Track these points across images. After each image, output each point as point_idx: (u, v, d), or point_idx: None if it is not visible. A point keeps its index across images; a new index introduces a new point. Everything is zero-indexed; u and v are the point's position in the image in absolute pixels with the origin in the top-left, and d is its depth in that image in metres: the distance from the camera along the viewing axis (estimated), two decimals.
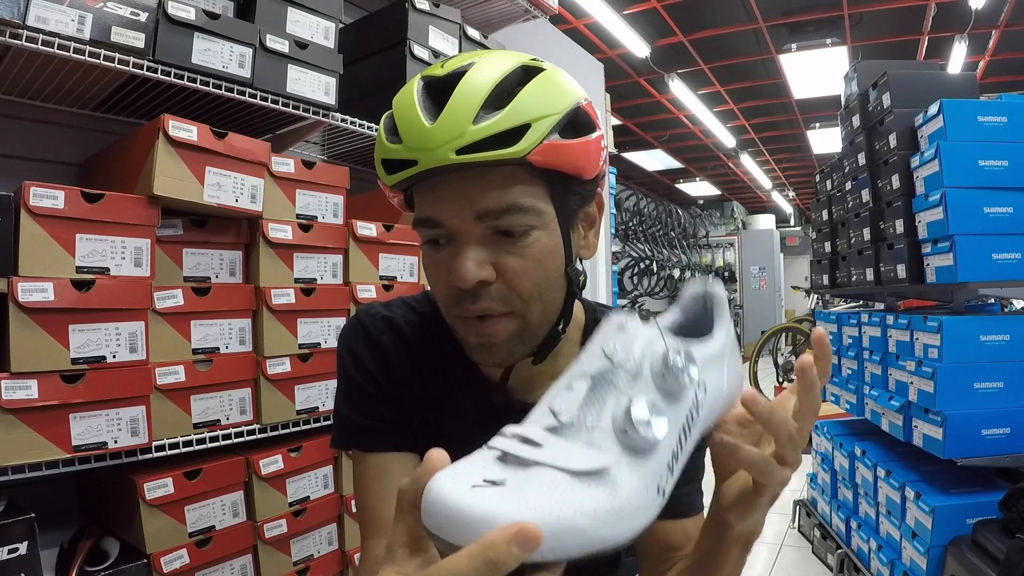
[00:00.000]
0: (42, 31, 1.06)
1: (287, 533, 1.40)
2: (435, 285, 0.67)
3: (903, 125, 2.23)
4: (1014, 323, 1.89)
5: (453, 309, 0.66)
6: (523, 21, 2.32)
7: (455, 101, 0.60)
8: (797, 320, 5.57)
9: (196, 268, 1.35)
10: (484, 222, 0.62)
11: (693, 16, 5.40)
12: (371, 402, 0.76)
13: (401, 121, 0.62)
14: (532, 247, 0.63)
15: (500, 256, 0.63)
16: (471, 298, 0.63)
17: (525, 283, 0.64)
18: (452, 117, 0.59)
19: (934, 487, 1.96)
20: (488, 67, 0.62)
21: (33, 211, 1.05)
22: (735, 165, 10.53)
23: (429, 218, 0.64)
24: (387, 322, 0.78)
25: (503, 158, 0.59)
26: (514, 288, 0.64)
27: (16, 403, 1.02)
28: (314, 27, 1.51)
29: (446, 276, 0.64)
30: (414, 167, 0.60)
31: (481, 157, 0.59)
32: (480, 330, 0.65)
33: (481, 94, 0.60)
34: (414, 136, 0.60)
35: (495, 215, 0.61)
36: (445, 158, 0.59)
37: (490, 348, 0.66)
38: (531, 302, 0.65)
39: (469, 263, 0.61)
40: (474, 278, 0.62)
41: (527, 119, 0.60)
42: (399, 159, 0.61)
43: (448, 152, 0.58)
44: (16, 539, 0.99)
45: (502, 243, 0.63)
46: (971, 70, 6.03)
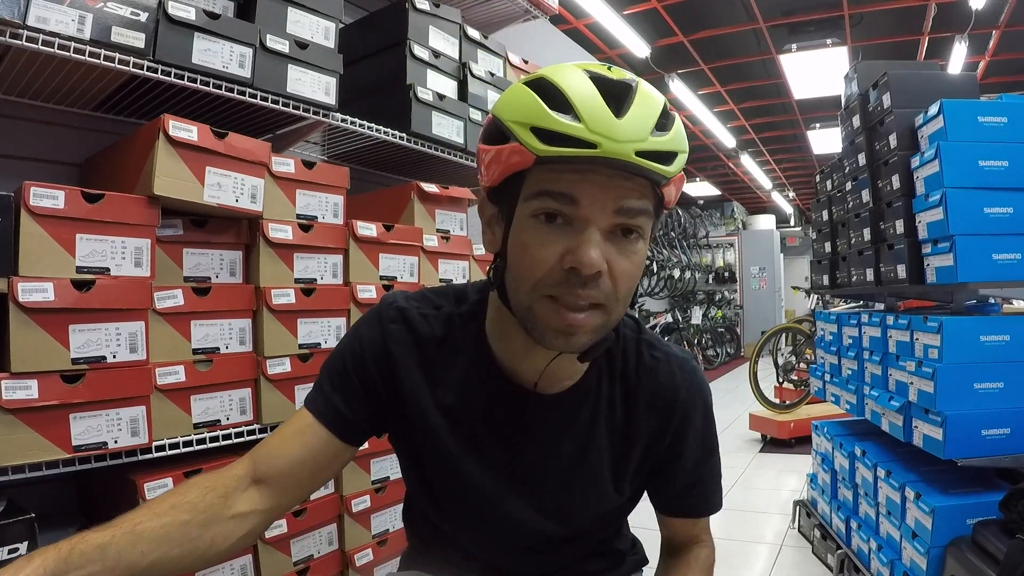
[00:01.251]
0: (42, 31, 1.06)
1: (287, 533, 1.40)
2: (535, 259, 0.67)
3: (903, 125, 2.23)
4: (1014, 323, 1.89)
5: (552, 289, 0.66)
6: (523, 21, 2.33)
7: (640, 109, 0.65)
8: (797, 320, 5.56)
9: (196, 268, 1.35)
10: (617, 218, 0.66)
11: (693, 16, 5.41)
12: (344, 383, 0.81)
13: (581, 102, 0.64)
14: (637, 254, 0.69)
15: (613, 254, 0.67)
16: (582, 284, 0.65)
17: (625, 284, 0.68)
18: (638, 121, 0.64)
19: (934, 487, 1.96)
20: (652, 90, 0.69)
21: (33, 211, 1.05)
22: (735, 165, 10.53)
23: (568, 194, 0.65)
24: (401, 312, 0.82)
25: (661, 172, 0.66)
26: (616, 286, 0.68)
27: (16, 403, 1.02)
28: (314, 27, 1.51)
29: (557, 254, 0.66)
30: (593, 150, 0.63)
31: (651, 165, 0.65)
32: (572, 318, 0.67)
33: (657, 111, 0.66)
34: (601, 124, 0.63)
35: (631, 214, 0.66)
36: (628, 154, 0.63)
37: (571, 336, 0.68)
38: (620, 302, 0.69)
39: (597, 251, 0.65)
40: (599, 265, 0.65)
41: (679, 149, 0.68)
42: (573, 136, 0.63)
43: (631, 150, 0.63)
44: (16, 539, 0.99)
45: (617, 242, 0.67)
46: (971, 70, 6.03)
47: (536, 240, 0.67)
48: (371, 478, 1.58)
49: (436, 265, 1.78)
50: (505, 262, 0.71)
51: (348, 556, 1.53)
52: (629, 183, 0.65)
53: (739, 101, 7.58)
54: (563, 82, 0.65)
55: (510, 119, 0.67)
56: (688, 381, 0.84)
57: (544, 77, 0.67)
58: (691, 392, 0.83)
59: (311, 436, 0.79)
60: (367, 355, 0.81)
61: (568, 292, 0.66)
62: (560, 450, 0.81)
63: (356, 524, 1.55)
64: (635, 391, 0.82)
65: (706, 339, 9.44)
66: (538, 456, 0.81)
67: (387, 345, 0.80)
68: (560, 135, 0.63)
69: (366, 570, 1.56)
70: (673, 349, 0.87)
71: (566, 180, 0.65)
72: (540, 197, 0.66)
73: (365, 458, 1.57)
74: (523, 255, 0.68)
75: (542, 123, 0.64)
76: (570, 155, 0.63)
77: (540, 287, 0.67)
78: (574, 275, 0.65)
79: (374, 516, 1.59)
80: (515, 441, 0.81)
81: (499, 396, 0.80)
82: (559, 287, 0.66)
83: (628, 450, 0.83)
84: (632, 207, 0.66)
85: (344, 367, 0.82)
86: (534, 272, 0.67)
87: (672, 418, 0.82)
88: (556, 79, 0.66)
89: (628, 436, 0.83)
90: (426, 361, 0.81)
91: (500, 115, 0.68)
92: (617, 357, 0.83)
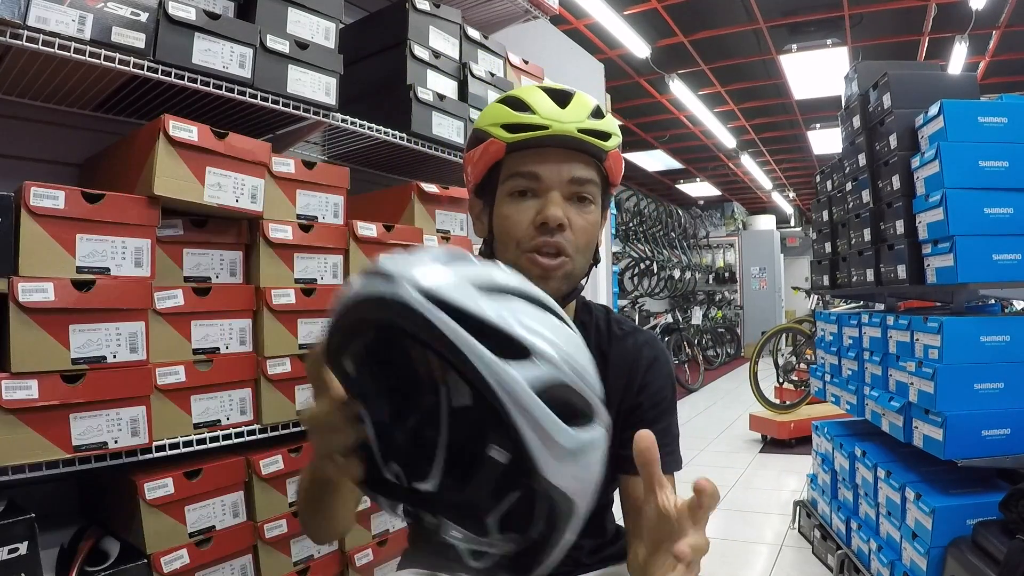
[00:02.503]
0: (42, 31, 1.06)
1: (287, 533, 1.40)
2: (515, 225, 0.88)
3: (903, 126, 2.23)
4: (1014, 324, 1.89)
5: (530, 243, 0.87)
6: (523, 21, 2.32)
7: (577, 103, 0.89)
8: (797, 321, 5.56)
9: (196, 268, 1.35)
10: (571, 186, 0.88)
11: (693, 16, 5.40)
12: None
13: (534, 102, 0.87)
14: (590, 215, 0.90)
15: (571, 213, 0.88)
16: (550, 233, 0.86)
17: (582, 237, 0.89)
18: (577, 109, 0.88)
19: (934, 488, 1.96)
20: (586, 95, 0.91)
21: (33, 211, 1.05)
22: (735, 166, 10.53)
23: (532, 172, 0.87)
24: None
25: (599, 146, 0.88)
26: (576, 237, 0.88)
27: (16, 403, 1.02)
28: (314, 27, 1.51)
29: (530, 218, 0.87)
30: (544, 130, 0.85)
31: (591, 140, 0.87)
32: (545, 262, 0.86)
33: (590, 105, 0.90)
34: (550, 113, 0.86)
35: (580, 182, 0.88)
36: (572, 131, 0.86)
37: (547, 280, 0.86)
38: (580, 252, 0.89)
39: (559, 208, 0.86)
40: (561, 218, 0.86)
41: (612, 131, 0.90)
42: (530, 123, 0.86)
43: (574, 128, 0.86)
44: (16, 539, 0.99)
45: (574, 205, 0.89)
46: (972, 71, 6.02)
47: (514, 210, 0.88)
48: None
49: None
50: (492, 236, 0.92)
51: (348, 556, 1.53)
52: (576, 159, 0.87)
53: (739, 101, 7.58)
54: (522, 94, 0.89)
55: (485, 124, 0.90)
56: (649, 344, 0.99)
57: (508, 94, 0.91)
58: (652, 351, 0.99)
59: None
60: None
61: (544, 242, 0.86)
62: None
63: (356, 524, 1.55)
64: (606, 357, 0.96)
65: (706, 339, 9.44)
66: None
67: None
68: (521, 124, 0.86)
69: (366, 570, 1.56)
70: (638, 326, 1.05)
71: (530, 161, 0.87)
72: (513, 178, 0.88)
73: None
74: (505, 223, 0.89)
75: (508, 120, 0.87)
76: (529, 137, 0.85)
77: (521, 244, 0.87)
78: (544, 228, 0.86)
79: (374, 516, 1.59)
80: None
81: None
82: (534, 240, 0.86)
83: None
84: (581, 176, 0.88)
85: None
86: (515, 232, 0.87)
87: (636, 373, 0.96)
88: (517, 93, 0.90)
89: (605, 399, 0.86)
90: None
91: (479, 124, 0.91)
92: (591, 330, 0.99)
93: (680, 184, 12.10)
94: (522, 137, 0.86)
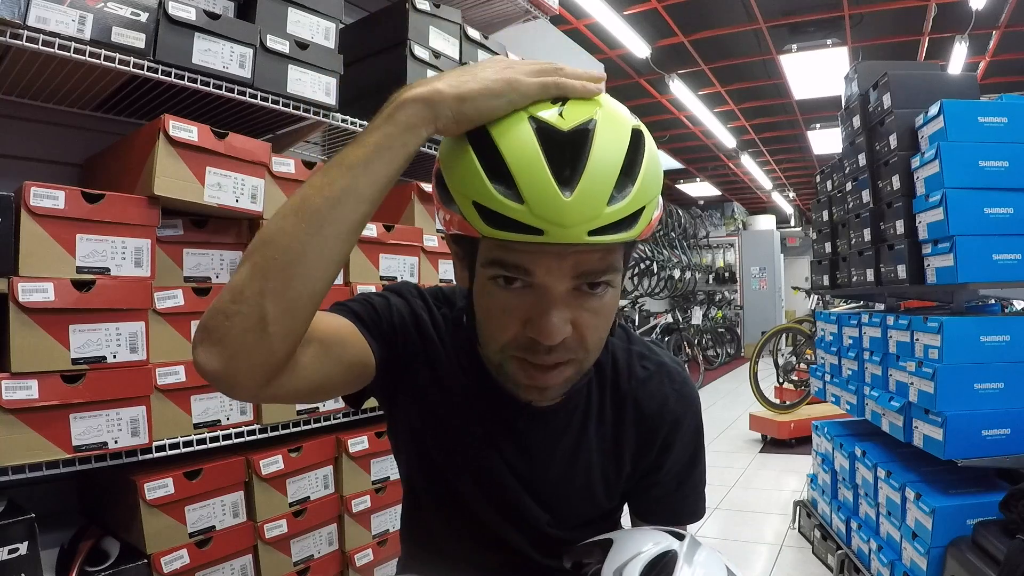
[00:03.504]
0: (42, 31, 1.06)
1: (287, 533, 1.40)
2: (498, 324, 0.65)
3: (903, 126, 2.23)
4: (1014, 324, 1.89)
5: (515, 352, 0.66)
6: (523, 21, 2.32)
7: (592, 177, 0.57)
8: (797, 321, 5.56)
9: (196, 268, 1.35)
10: (578, 280, 0.62)
11: (694, 17, 5.40)
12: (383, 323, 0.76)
13: (525, 180, 0.57)
14: (606, 304, 0.65)
15: (578, 312, 0.64)
16: (546, 351, 0.64)
17: (593, 336, 0.66)
18: (590, 196, 0.57)
19: (934, 488, 1.96)
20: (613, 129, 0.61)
21: (33, 211, 1.05)
22: (735, 166, 10.53)
23: (521, 266, 0.61)
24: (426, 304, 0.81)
25: (623, 240, 0.60)
26: (583, 340, 0.65)
27: (16, 403, 1.02)
28: (314, 27, 1.51)
29: (518, 319, 0.64)
30: (538, 236, 0.57)
31: (608, 239, 0.59)
32: (541, 379, 0.67)
33: (615, 170, 0.59)
34: (547, 207, 0.56)
35: (595, 274, 0.63)
36: (579, 237, 0.57)
37: (543, 391, 0.68)
38: (591, 352, 0.68)
39: (559, 322, 0.62)
40: (562, 334, 0.62)
41: (645, 202, 0.61)
42: (515, 220, 0.57)
43: (582, 232, 0.57)
44: (16, 539, 0.99)
45: (582, 298, 0.64)
46: (972, 71, 6.03)
47: (497, 306, 0.65)
48: (371, 478, 1.58)
49: (436, 265, 1.78)
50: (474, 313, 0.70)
51: (348, 556, 1.53)
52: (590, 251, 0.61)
53: (739, 101, 7.58)
54: (504, 143, 0.59)
55: (453, 187, 0.62)
56: (677, 392, 0.83)
57: (487, 132, 0.60)
58: (680, 403, 0.83)
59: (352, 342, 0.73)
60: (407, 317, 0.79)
61: (536, 357, 0.65)
62: (552, 459, 0.81)
63: (356, 524, 1.55)
64: (625, 401, 0.82)
65: (706, 339, 9.43)
66: (531, 465, 0.81)
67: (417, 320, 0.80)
68: (503, 218, 0.57)
69: (366, 570, 1.56)
70: (664, 358, 0.86)
71: (518, 254, 0.61)
72: (494, 266, 0.63)
73: (365, 458, 1.57)
74: (487, 319, 0.67)
75: (483, 200, 0.58)
76: (517, 240, 0.58)
77: (505, 349, 0.66)
78: (537, 343, 0.63)
79: (374, 516, 1.59)
80: (508, 451, 0.81)
81: (492, 406, 0.79)
82: (524, 351, 0.65)
83: (619, 458, 0.84)
84: (595, 269, 0.62)
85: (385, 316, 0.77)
86: (499, 336, 0.66)
87: (661, 427, 0.82)
88: (497, 137, 0.60)
89: (618, 444, 0.83)
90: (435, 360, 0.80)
91: (445, 176, 0.64)
92: (607, 368, 0.82)
93: (680, 184, 12.10)
94: (503, 237, 0.58)
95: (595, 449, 0.82)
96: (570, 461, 0.82)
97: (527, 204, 0.57)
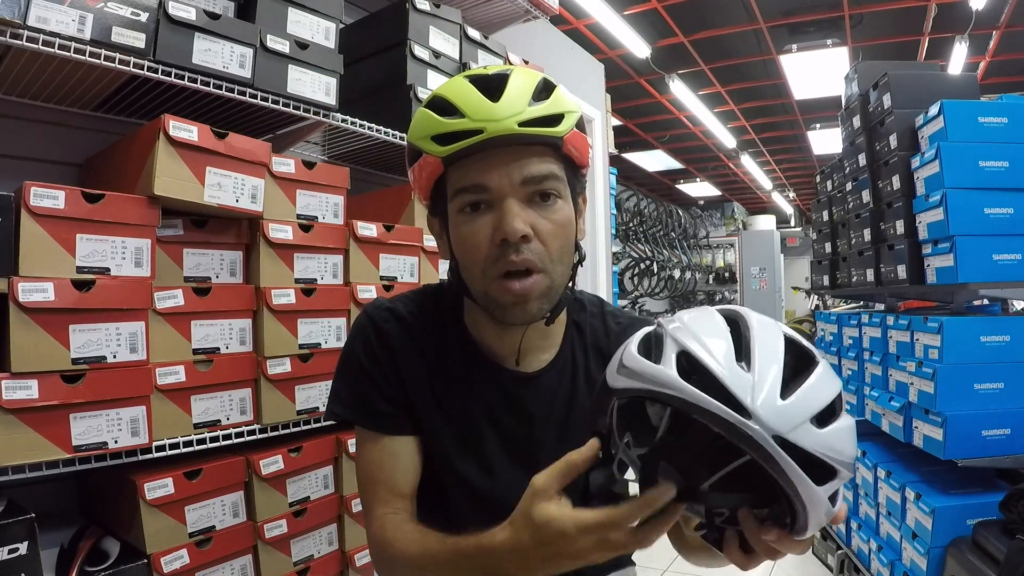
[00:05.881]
0: (43, 31, 1.06)
1: (287, 533, 1.40)
2: (472, 248, 0.76)
3: (904, 126, 2.23)
4: (1014, 324, 1.89)
5: (493, 267, 0.75)
6: (523, 22, 2.32)
7: (512, 89, 0.74)
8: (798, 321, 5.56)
9: (196, 268, 1.35)
10: (527, 187, 0.74)
11: (694, 17, 5.40)
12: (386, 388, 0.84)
13: (462, 101, 0.74)
14: (558, 213, 0.77)
15: (535, 218, 0.75)
16: (515, 251, 0.73)
17: (555, 243, 0.76)
18: (513, 99, 0.74)
19: (934, 488, 1.96)
20: (525, 72, 0.78)
21: (33, 211, 1.05)
22: (735, 166, 10.52)
23: (477, 184, 0.74)
24: (391, 312, 0.87)
25: (550, 135, 0.74)
26: (547, 246, 0.75)
27: (16, 403, 1.02)
28: (315, 27, 1.51)
29: (487, 235, 0.74)
30: (479, 135, 0.72)
31: (537, 131, 0.73)
32: (518, 286, 0.74)
33: (530, 87, 0.76)
34: (480, 111, 0.73)
35: (538, 180, 0.75)
36: (511, 128, 0.72)
37: (524, 304, 0.76)
38: (556, 262, 0.77)
39: (517, 218, 0.73)
40: (521, 230, 0.73)
41: (563, 110, 0.76)
42: (461, 130, 0.73)
43: (513, 124, 0.72)
44: (16, 539, 0.99)
45: (537, 207, 0.76)
46: (972, 71, 6.02)
47: (469, 230, 0.76)
48: None
49: (436, 265, 1.78)
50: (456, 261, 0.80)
51: (348, 556, 1.53)
52: (526, 154, 0.74)
53: (739, 101, 7.57)
54: (447, 92, 0.76)
55: (415, 137, 0.78)
56: None
57: (435, 93, 0.78)
58: None
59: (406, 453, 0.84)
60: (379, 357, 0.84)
61: (507, 263, 0.74)
62: (548, 424, 0.85)
63: (356, 524, 1.55)
64: (605, 356, 0.87)
65: None
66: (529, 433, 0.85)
67: (388, 343, 0.84)
68: (451, 134, 0.74)
69: (366, 570, 1.55)
70: (635, 315, 0.99)
71: (473, 172, 0.74)
72: (459, 194, 0.76)
73: None
74: (463, 246, 0.77)
75: (437, 130, 0.75)
76: (464, 146, 0.73)
77: (487, 269, 0.76)
78: (506, 245, 0.73)
79: None
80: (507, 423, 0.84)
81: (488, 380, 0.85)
82: (499, 261, 0.74)
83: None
84: (536, 173, 0.74)
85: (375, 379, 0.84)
86: (476, 255, 0.76)
87: None
88: (441, 91, 0.77)
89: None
90: (426, 352, 0.85)
91: (409, 138, 0.80)
92: (586, 329, 0.92)
93: (680, 184, 12.10)
94: (455, 148, 0.73)
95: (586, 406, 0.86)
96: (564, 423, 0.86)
97: (466, 115, 0.73)
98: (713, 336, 0.57)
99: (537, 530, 0.60)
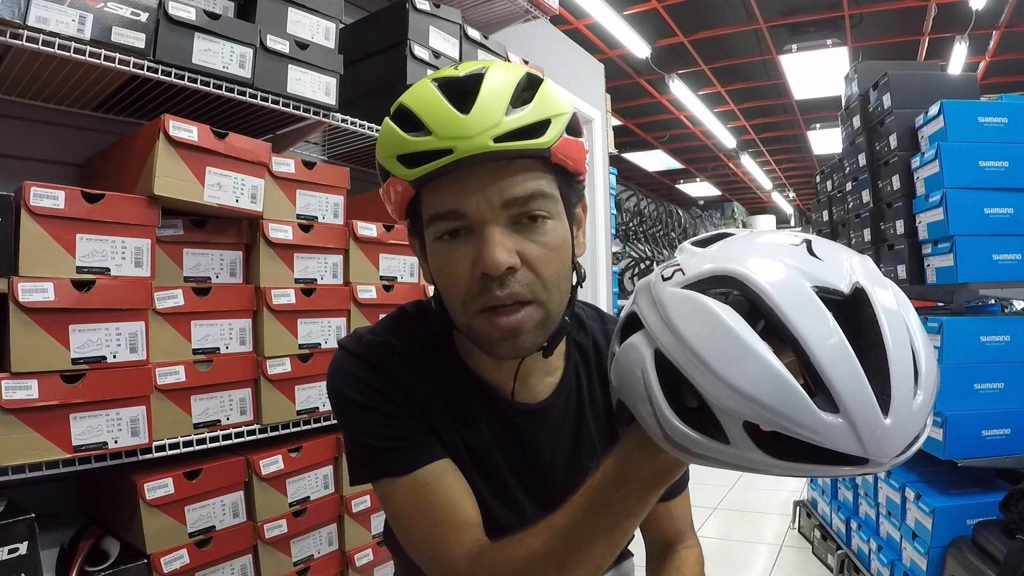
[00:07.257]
0: (43, 31, 1.06)
1: (287, 533, 1.40)
2: (452, 280, 0.66)
3: (903, 126, 2.23)
4: (1014, 324, 1.89)
5: (475, 302, 0.65)
6: (523, 22, 2.32)
7: (486, 95, 0.63)
8: None
9: (196, 268, 1.35)
10: (509, 210, 0.64)
11: (694, 17, 5.40)
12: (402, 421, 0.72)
13: (428, 114, 0.63)
14: (549, 235, 0.66)
15: (523, 244, 0.65)
16: (499, 285, 0.64)
17: (547, 270, 0.66)
18: (487, 109, 0.62)
19: (934, 488, 1.96)
20: (503, 70, 0.67)
21: (33, 211, 1.05)
22: (735, 166, 10.53)
23: (453, 210, 0.64)
24: (386, 347, 0.75)
25: (533, 147, 0.63)
26: (538, 274, 0.65)
27: (16, 403, 1.02)
28: (315, 27, 1.51)
29: (468, 267, 0.64)
30: (449, 156, 0.62)
31: (516, 145, 0.62)
32: (506, 322, 0.65)
33: (508, 90, 0.64)
34: (448, 126, 0.62)
35: (522, 201, 0.64)
36: (485, 145, 0.61)
37: (516, 339, 0.66)
38: (551, 290, 0.67)
39: (499, 248, 0.62)
40: (505, 263, 0.62)
41: (549, 115, 0.65)
42: (428, 150, 0.63)
43: (487, 140, 0.61)
44: (16, 539, 0.99)
45: (524, 231, 0.65)
46: (972, 71, 6.02)
47: (447, 260, 0.66)
48: None
49: None
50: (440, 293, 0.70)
51: (348, 556, 1.53)
52: (507, 172, 0.63)
53: (739, 101, 7.58)
54: (411, 101, 0.66)
55: (382, 156, 0.68)
56: None
57: (399, 102, 0.67)
58: None
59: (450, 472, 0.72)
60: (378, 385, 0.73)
61: (491, 298, 0.64)
62: (557, 454, 0.80)
63: (356, 524, 1.55)
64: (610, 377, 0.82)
65: None
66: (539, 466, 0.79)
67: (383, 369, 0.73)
68: (418, 154, 0.63)
69: (366, 570, 1.56)
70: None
71: (448, 196, 0.64)
72: (434, 221, 0.66)
73: None
74: (442, 278, 0.68)
75: (402, 149, 0.65)
76: (431, 169, 0.62)
77: (468, 304, 0.66)
78: (488, 279, 0.63)
79: (374, 516, 1.59)
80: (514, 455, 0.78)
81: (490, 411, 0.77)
82: (483, 296, 0.64)
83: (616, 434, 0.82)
84: (519, 194, 0.64)
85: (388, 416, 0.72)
86: (456, 290, 0.66)
87: None
88: (406, 99, 0.66)
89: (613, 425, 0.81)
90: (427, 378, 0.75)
91: (377, 155, 0.69)
92: (589, 350, 0.83)
93: (680, 184, 12.10)
94: (423, 172, 0.63)
95: (594, 434, 0.82)
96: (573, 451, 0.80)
97: (434, 133, 0.63)
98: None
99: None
